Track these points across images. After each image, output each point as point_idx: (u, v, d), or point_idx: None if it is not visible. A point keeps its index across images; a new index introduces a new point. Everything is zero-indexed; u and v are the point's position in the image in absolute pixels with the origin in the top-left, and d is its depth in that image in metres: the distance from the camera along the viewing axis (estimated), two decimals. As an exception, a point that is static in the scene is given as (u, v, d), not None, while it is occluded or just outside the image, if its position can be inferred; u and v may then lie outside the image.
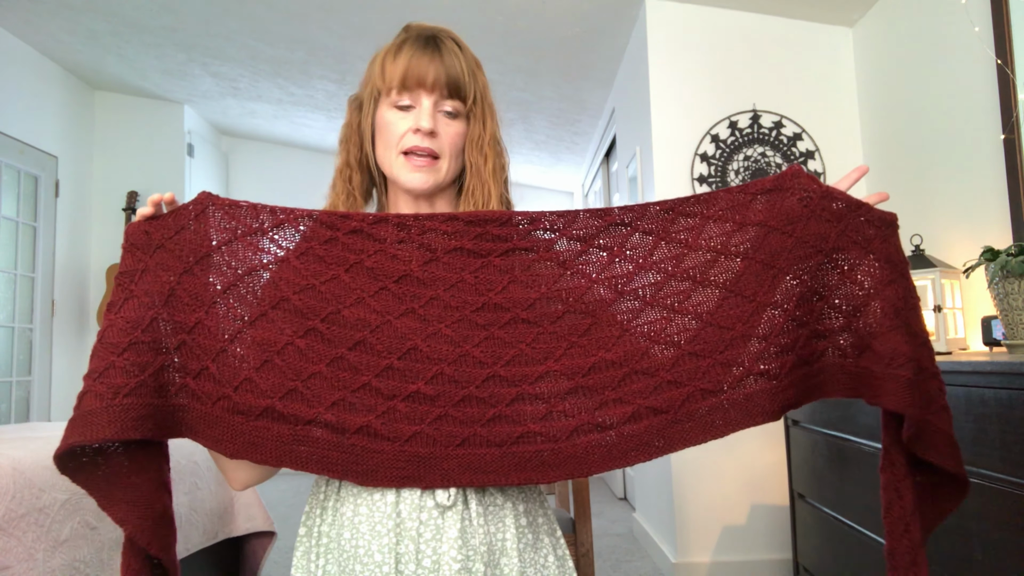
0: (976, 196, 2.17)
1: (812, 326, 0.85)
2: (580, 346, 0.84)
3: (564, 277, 0.86)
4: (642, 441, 0.82)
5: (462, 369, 0.82)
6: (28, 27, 3.70)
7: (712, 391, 0.82)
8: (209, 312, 0.84)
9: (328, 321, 0.83)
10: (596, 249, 0.87)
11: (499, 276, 0.85)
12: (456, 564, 0.80)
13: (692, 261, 0.87)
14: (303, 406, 0.81)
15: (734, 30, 2.97)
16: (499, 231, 0.86)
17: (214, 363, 0.83)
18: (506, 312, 0.84)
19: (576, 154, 5.29)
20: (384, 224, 0.86)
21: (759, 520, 2.78)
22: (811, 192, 0.85)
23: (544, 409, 0.82)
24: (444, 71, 0.88)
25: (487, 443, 0.81)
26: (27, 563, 1.40)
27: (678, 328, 0.85)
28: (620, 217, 0.88)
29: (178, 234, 0.86)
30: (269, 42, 3.75)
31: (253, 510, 2.23)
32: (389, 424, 0.81)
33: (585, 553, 1.82)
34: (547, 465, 0.81)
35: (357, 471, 0.81)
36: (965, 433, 1.39)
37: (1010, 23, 1.98)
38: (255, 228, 0.87)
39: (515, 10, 3.11)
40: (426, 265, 0.85)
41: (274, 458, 0.81)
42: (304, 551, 0.89)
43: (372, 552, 0.82)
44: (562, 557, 0.91)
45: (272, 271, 0.85)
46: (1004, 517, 1.29)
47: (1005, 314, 1.73)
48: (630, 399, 0.83)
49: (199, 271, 0.85)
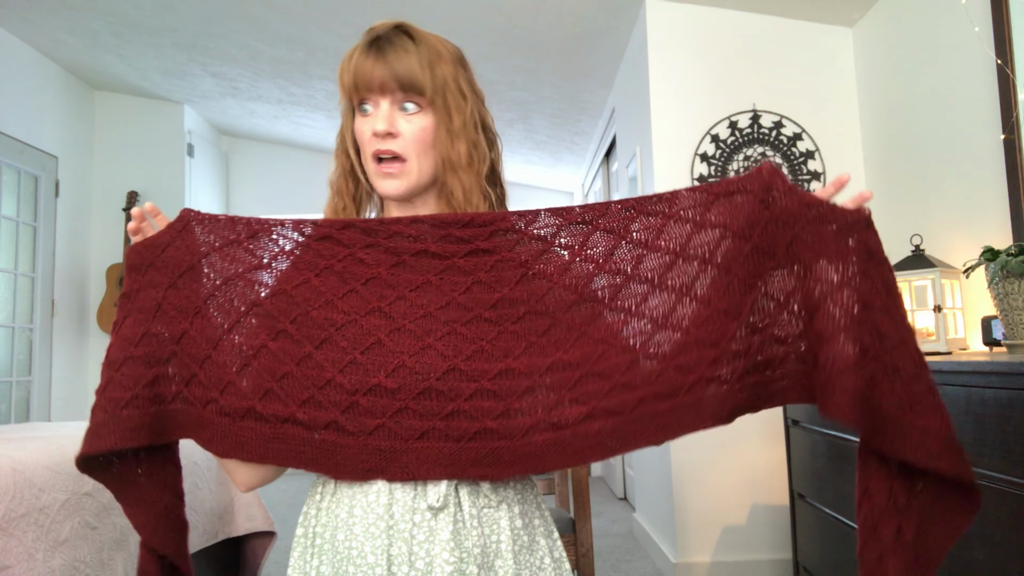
0: (976, 196, 2.17)
1: (769, 331, 0.84)
2: (539, 346, 0.85)
3: (525, 278, 0.87)
4: (596, 441, 0.83)
5: (423, 360, 0.83)
6: (28, 27, 3.70)
7: (665, 395, 0.82)
8: (193, 322, 0.89)
9: (297, 323, 0.86)
10: (557, 248, 0.88)
11: (462, 277, 0.86)
12: (449, 567, 0.80)
13: (651, 263, 0.87)
14: (279, 405, 0.85)
15: (734, 30, 2.97)
16: (462, 233, 0.87)
17: (201, 369, 0.88)
18: (468, 311, 0.85)
19: (576, 154, 5.29)
20: (352, 230, 0.88)
21: (759, 520, 2.78)
22: (775, 193, 0.84)
23: (501, 407, 0.82)
24: (390, 70, 0.86)
25: (445, 437, 0.82)
26: (27, 563, 1.40)
27: (634, 331, 0.86)
28: (581, 215, 0.88)
29: (164, 252, 0.91)
30: (269, 42, 3.75)
31: (253, 510, 2.23)
32: (353, 419, 0.83)
33: (585, 553, 1.82)
34: (502, 462, 0.82)
35: (328, 465, 0.84)
36: (965, 433, 1.39)
37: (1010, 23, 1.98)
38: (231, 239, 0.91)
39: (515, 10, 3.10)
40: (393, 268, 0.87)
41: (258, 456, 0.85)
42: (301, 551, 0.89)
43: (365, 553, 0.82)
44: (559, 559, 0.91)
45: (247, 279, 0.90)
46: (1004, 517, 1.29)
47: (1005, 314, 1.73)
48: (585, 400, 0.83)
49: (183, 284, 0.90)
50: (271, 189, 5.64)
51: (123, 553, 1.64)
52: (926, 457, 0.77)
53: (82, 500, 1.56)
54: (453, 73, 0.90)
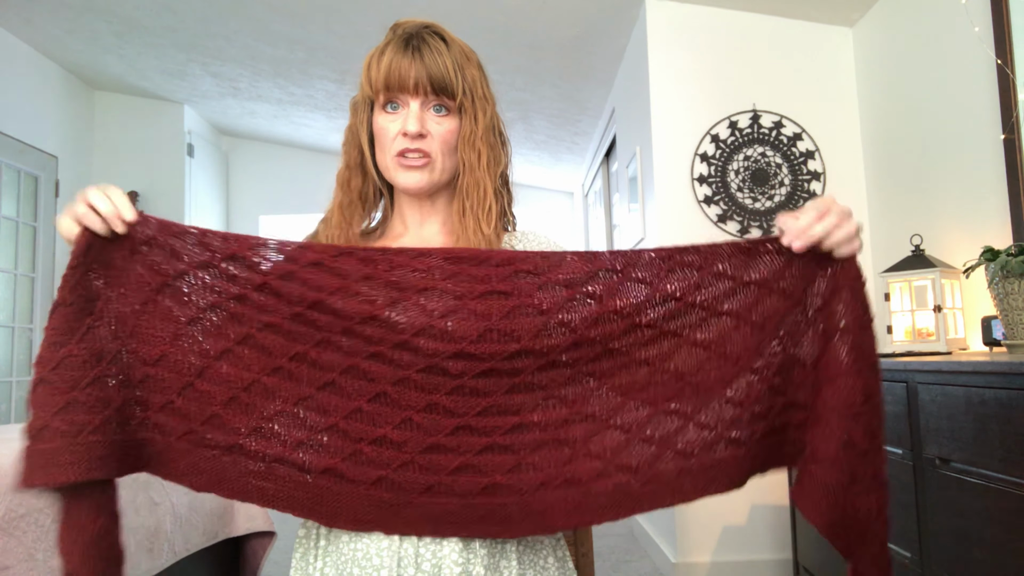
0: (976, 196, 2.17)
1: (791, 396, 0.81)
2: (557, 398, 0.80)
3: (546, 329, 0.79)
4: (610, 500, 0.79)
5: (431, 417, 0.78)
6: (28, 27, 3.70)
7: (683, 453, 0.79)
8: (174, 345, 0.80)
9: (296, 360, 0.80)
10: (582, 296, 0.80)
11: (475, 322, 0.77)
12: (456, 567, 0.80)
13: (682, 319, 0.81)
14: (270, 443, 0.79)
15: (734, 30, 2.97)
16: (476, 271, 0.79)
17: (180, 397, 0.80)
18: (481, 362, 0.77)
19: (576, 154, 5.29)
20: (348, 258, 0.80)
21: (759, 520, 2.78)
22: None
23: (513, 461, 0.78)
24: (426, 71, 0.86)
25: (451, 492, 0.78)
26: (27, 563, 1.40)
27: (657, 386, 0.81)
28: (611, 263, 0.81)
29: (133, 257, 0.80)
30: (269, 42, 3.75)
31: (253, 510, 2.23)
32: (355, 467, 0.78)
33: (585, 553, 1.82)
34: (511, 519, 0.78)
35: (322, 512, 0.79)
36: (965, 433, 1.39)
37: (1010, 23, 1.98)
38: (207, 259, 0.81)
39: (515, 10, 3.10)
40: (393, 305, 0.78)
41: (241, 493, 0.80)
42: (303, 553, 0.89)
43: (371, 556, 0.82)
44: (562, 559, 0.91)
45: (232, 307, 0.81)
46: (1004, 517, 1.29)
47: (1005, 314, 1.73)
48: (601, 455, 0.79)
49: (162, 300, 0.80)
50: (271, 189, 5.64)
51: (123, 553, 1.64)
52: (874, 568, 0.78)
53: (82, 500, 1.56)
54: (479, 77, 0.92)
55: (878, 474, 0.76)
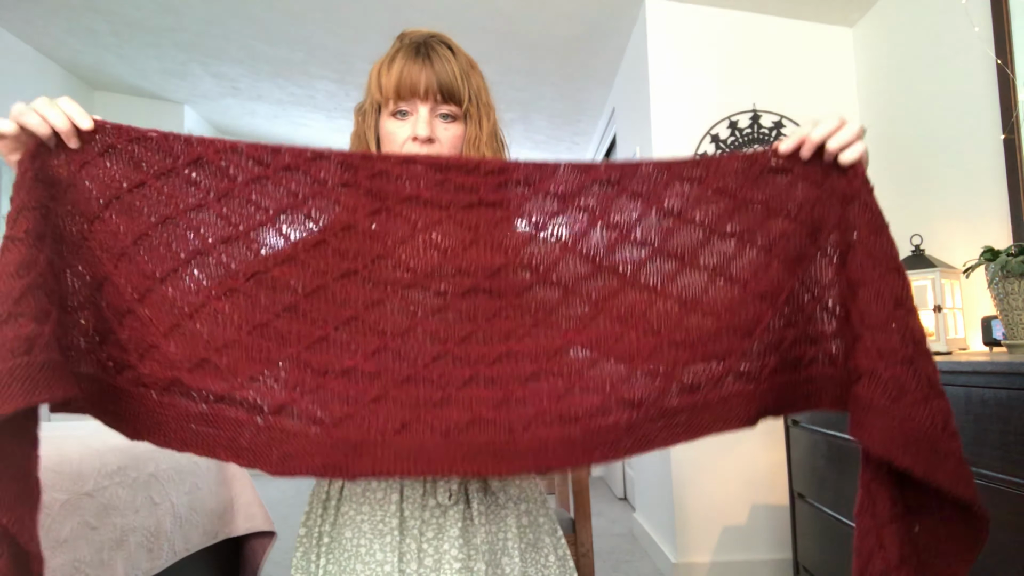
0: (976, 196, 2.17)
1: (802, 327, 0.75)
2: (548, 324, 0.72)
3: (535, 241, 0.73)
4: (608, 439, 0.71)
5: (409, 344, 0.70)
6: (28, 27, 3.70)
7: (689, 388, 0.72)
8: (118, 266, 0.70)
9: (254, 281, 0.71)
10: (575, 210, 0.74)
11: (461, 234, 0.71)
12: (457, 563, 0.81)
13: (682, 237, 0.75)
14: (215, 380, 0.69)
15: (734, 30, 2.97)
16: (464, 180, 0.73)
17: (120, 326, 0.70)
18: (467, 278, 0.71)
19: (576, 154, 5.29)
20: (324, 161, 0.72)
21: (759, 520, 2.78)
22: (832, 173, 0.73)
23: (500, 394, 0.70)
24: (436, 78, 0.88)
25: (431, 430, 0.69)
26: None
27: (659, 312, 0.74)
28: (607, 175, 0.75)
29: (83, 169, 0.71)
30: (269, 42, 3.75)
31: (253, 510, 2.23)
32: (317, 404, 0.69)
33: (585, 553, 1.82)
34: (500, 457, 0.69)
35: (270, 458, 0.69)
36: (965, 433, 1.39)
37: (1010, 23, 1.98)
38: (168, 167, 0.72)
39: (515, 10, 3.10)
40: (373, 216, 0.72)
41: (178, 441, 0.70)
42: (304, 551, 0.89)
43: (374, 551, 0.82)
44: (563, 557, 0.92)
45: (187, 218, 0.72)
46: (1004, 517, 1.29)
47: (1005, 314, 1.73)
48: (600, 388, 0.72)
49: (108, 217, 0.71)
50: (271, 189, 5.64)
51: (123, 553, 1.64)
52: (947, 480, 0.68)
53: (82, 500, 1.56)
54: (483, 85, 0.94)
55: (932, 381, 0.68)
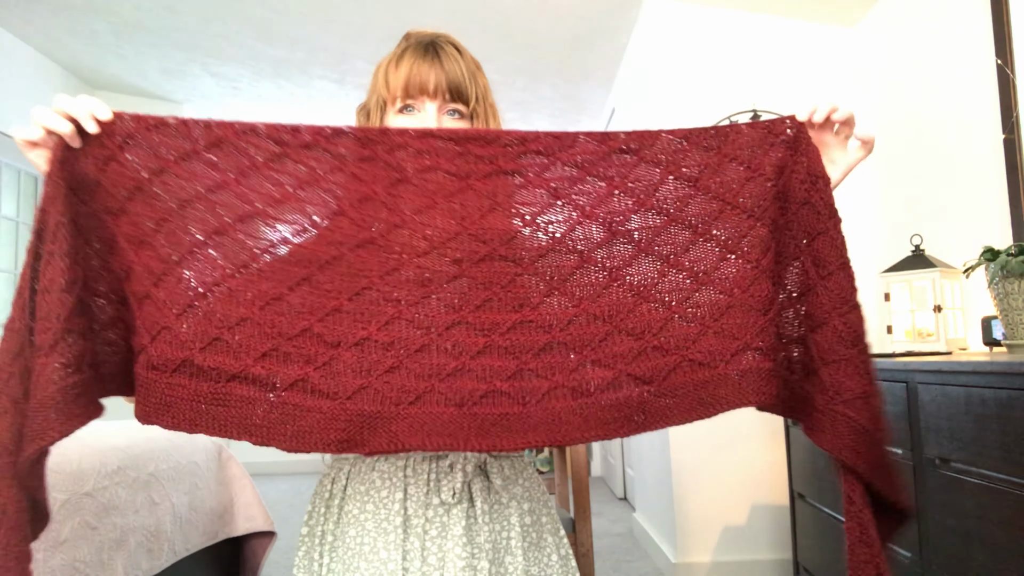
0: (976, 196, 2.17)
1: (780, 324, 0.75)
2: (562, 292, 0.72)
3: (553, 208, 0.74)
4: (621, 414, 0.71)
5: (424, 312, 0.70)
6: (28, 27, 3.70)
7: (703, 363, 0.72)
8: (139, 254, 0.71)
9: (270, 256, 0.71)
10: (593, 178, 0.75)
11: (479, 202, 0.72)
12: (461, 561, 0.81)
13: (697, 207, 0.74)
14: (227, 358, 0.69)
15: (734, 30, 2.97)
16: (483, 151, 0.74)
17: (140, 311, 0.71)
18: (483, 245, 0.71)
19: (576, 154, 5.29)
20: (344, 137, 0.74)
21: (759, 520, 2.78)
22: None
23: (514, 365, 0.70)
24: (445, 76, 0.89)
25: (445, 401, 0.69)
26: (27, 563, 1.40)
27: (671, 285, 0.74)
28: (626, 143, 0.76)
29: (108, 165, 0.72)
30: (269, 42, 3.75)
31: (253, 510, 2.23)
32: (330, 377, 0.69)
33: (585, 553, 1.82)
34: (513, 430, 0.69)
35: (284, 434, 0.69)
36: (965, 433, 1.39)
37: (1010, 23, 1.98)
38: (188, 151, 0.73)
39: (515, 10, 3.10)
40: (393, 187, 0.72)
41: (188, 422, 0.70)
42: (306, 550, 0.89)
43: (378, 549, 0.82)
44: (565, 556, 0.92)
45: (207, 200, 0.72)
46: (1004, 517, 1.29)
47: (1005, 314, 1.73)
48: (611, 363, 0.72)
49: (132, 208, 0.72)
50: (271, 189, 5.63)
51: (123, 553, 1.64)
52: (885, 485, 0.75)
53: (82, 500, 1.56)
54: (487, 86, 0.95)
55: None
